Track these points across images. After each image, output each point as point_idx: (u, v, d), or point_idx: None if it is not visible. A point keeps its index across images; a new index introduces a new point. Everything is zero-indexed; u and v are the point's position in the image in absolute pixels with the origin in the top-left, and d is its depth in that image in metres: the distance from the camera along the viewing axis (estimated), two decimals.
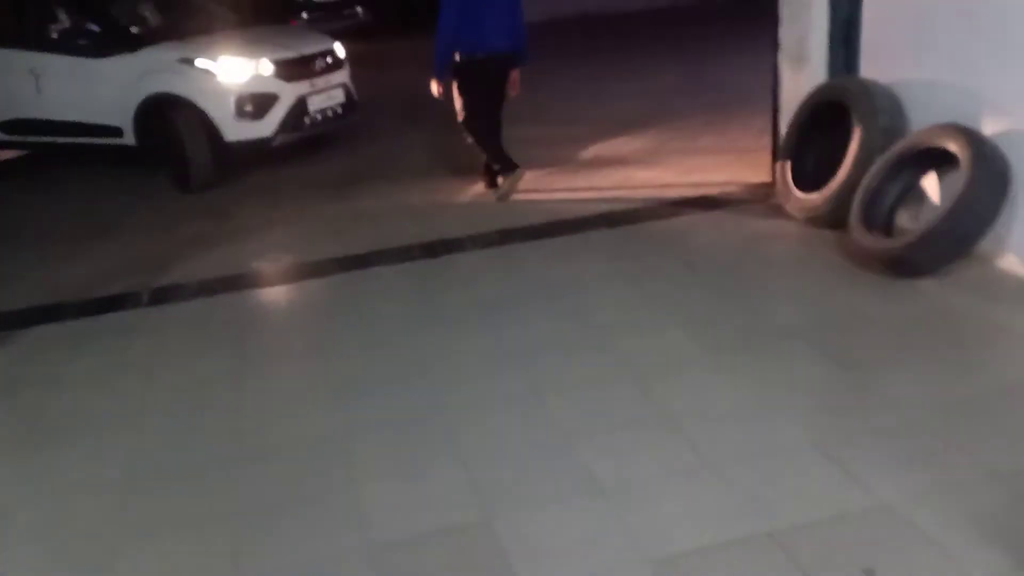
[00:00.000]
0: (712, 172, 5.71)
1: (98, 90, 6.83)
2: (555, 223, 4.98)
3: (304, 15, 15.65)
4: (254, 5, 15.08)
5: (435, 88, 5.31)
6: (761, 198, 5.03)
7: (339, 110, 7.22)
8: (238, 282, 4.60)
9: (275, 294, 4.53)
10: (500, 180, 5.60)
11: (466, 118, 5.40)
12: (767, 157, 5.24)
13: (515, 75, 5.46)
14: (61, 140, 7.21)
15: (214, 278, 4.65)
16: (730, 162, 5.83)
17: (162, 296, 4.45)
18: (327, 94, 7.07)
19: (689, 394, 3.04)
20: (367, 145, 7.72)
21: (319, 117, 6.96)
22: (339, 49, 7.47)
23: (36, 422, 3.36)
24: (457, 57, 5.18)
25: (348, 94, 7.39)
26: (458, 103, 5.37)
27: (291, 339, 3.89)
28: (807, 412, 2.87)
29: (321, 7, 14.97)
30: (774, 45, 4.98)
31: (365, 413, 3.13)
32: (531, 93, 5.91)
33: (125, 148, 6.90)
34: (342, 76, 7.35)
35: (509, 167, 5.51)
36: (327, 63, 7.19)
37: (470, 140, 5.54)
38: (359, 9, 15.17)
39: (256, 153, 6.84)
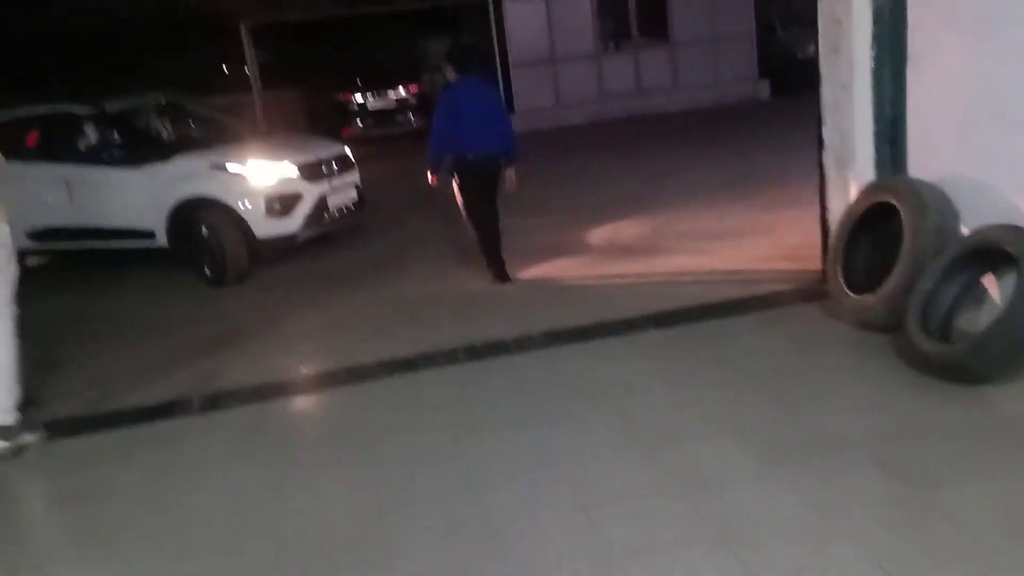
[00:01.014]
0: (761, 270, 5.66)
1: (132, 197, 7.22)
2: (601, 324, 4.95)
3: (359, 122, 16.30)
4: (309, 115, 15.80)
5: (430, 178, 6.01)
6: (812, 299, 4.95)
7: (352, 207, 7.86)
8: (285, 388, 4.64)
9: (321, 400, 4.54)
10: (499, 273, 6.10)
11: (466, 212, 6.01)
12: (816, 256, 5.19)
13: (510, 173, 6.01)
14: (92, 245, 7.53)
15: (262, 384, 4.69)
16: (779, 261, 5.79)
17: (211, 403, 4.48)
18: (342, 193, 7.69)
19: (740, 508, 2.93)
20: (381, 238, 8.25)
21: (336, 214, 7.55)
22: (349, 153, 8.15)
23: (83, 535, 3.37)
24: (452, 158, 5.83)
25: (359, 192, 8.03)
26: (459, 199, 6.00)
27: (336, 447, 3.86)
28: (865, 529, 2.73)
29: (375, 115, 15.58)
30: (819, 143, 4.99)
31: (409, 522, 3.08)
32: (579, 186, 6.02)
33: (157, 249, 7.28)
34: (354, 177, 8.00)
35: (500, 277, 6.09)
36: (341, 165, 7.79)
37: (471, 233, 6.11)
38: (411, 116, 15.72)
39: (282, 248, 7.30)
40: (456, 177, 5.89)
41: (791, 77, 15.32)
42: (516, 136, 6.04)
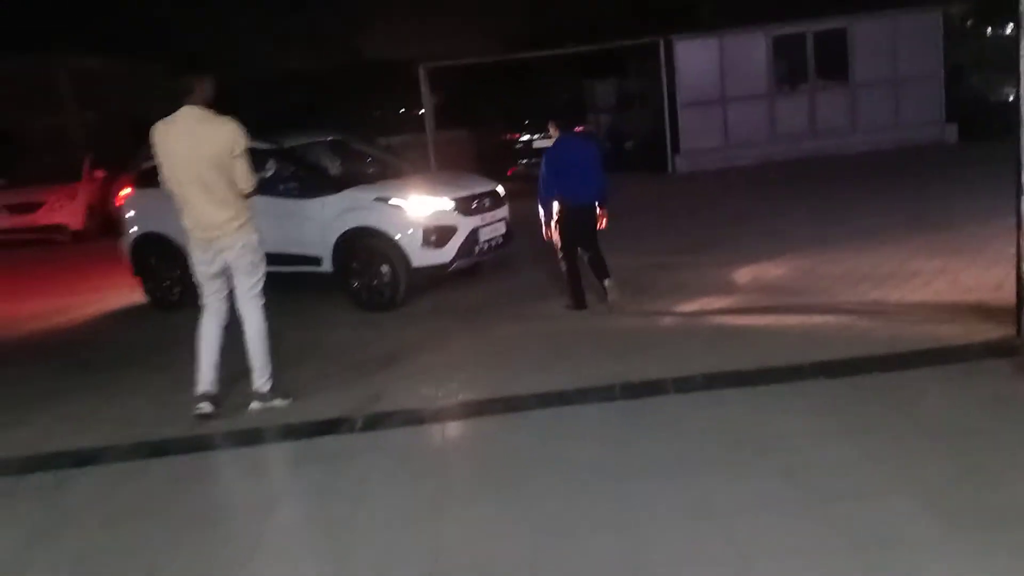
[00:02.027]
0: (945, 320, 5.27)
1: (304, 225, 7.67)
2: (766, 369, 4.74)
3: (523, 162, 16.63)
4: (477, 154, 16.30)
5: (545, 232, 6.69)
6: (1003, 353, 4.53)
7: (501, 240, 8.10)
8: (442, 413, 4.72)
9: (477, 427, 4.58)
10: (568, 305, 6.73)
11: (563, 252, 6.69)
12: (1006, 308, 4.76)
13: (602, 213, 6.64)
14: (270, 269, 7.93)
15: (420, 408, 4.80)
16: (963, 310, 5.36)
17: (373, 423, 4.63)
18: (492, 227, 7.96)
19: (918, 574, 2.68)
20: (528, 271, 8.32)
21: (486, 246, 7.85)
22: (500, 189, 8.39)
23: (250, 542, 3.53)
24: (556, 205, 6.51)
25: (508, 227, 8.29)
26: (557, 240, 6.68)
27: (491, 475, 3.86)
28: None
29: (539, 153, 15.81)
30: (1017, 190, 4.59)
31: (560, 561, 3.03)
32: (746, 228, 5.85)
33: (323, 275, 7.67)
34: (503, 212, 8.27)
35: (578, 305, 6.69)
36: (492, 201, 8.05)
37: (564, 268, 6.73)
38: None
39: (434, 277, 7.64)
40: (558, 221, 6.57)
41: (982, 121, 14.40)
42: (608, 184, 6.71)
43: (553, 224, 6.59)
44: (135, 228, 8.51)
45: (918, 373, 4.48)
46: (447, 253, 7.49)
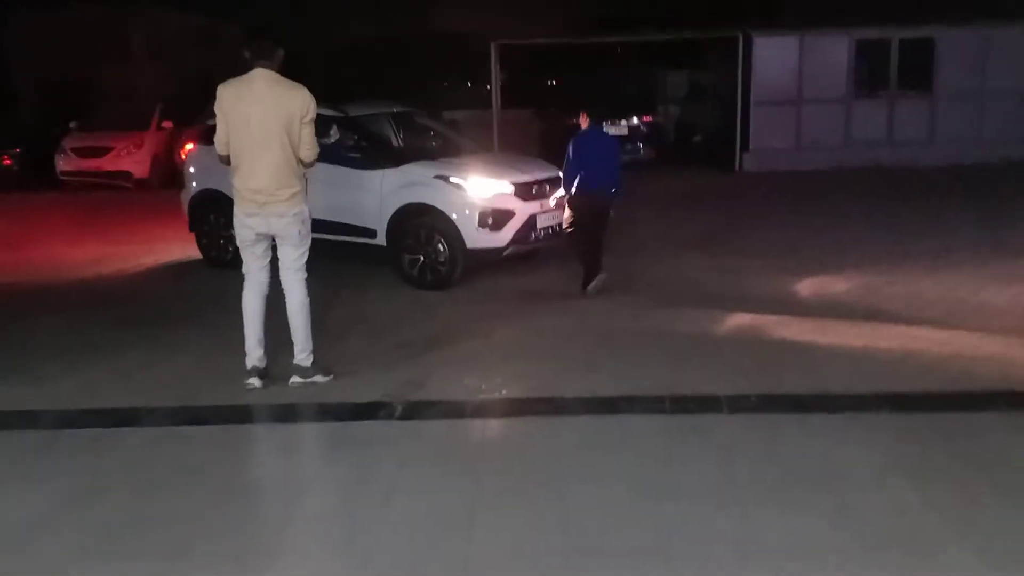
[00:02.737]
0: (1020, 360, 4.97)
1: (362, 196, 7.63)
2: (826, 396, 4.52)
3: None
4: (541, 135, 16.05)
5: (567, 215, 7.10)
6: None
7: (558, 228, 7.76)
8: (484, 408, 4.59)
9: (519, 426, 4.45)
10: (589, 284, 7.00)
11: (571, 231, 7.11)
12: None
13: (614, 203, 7.07)
14: (320, 236, 7.91)
15: (462, 400, 4.67)
16: None
17: (413, 411, 4.52)
18: (551, 214, 7.72)
19: None
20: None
21: (543, 233, 7.63)
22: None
23: (278, 525, 3.46)
24: (574, 190, 6.91)
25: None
26: (567, 221, 7.09)
27: (529, 479, 3.71)
28: None
29: None
30: None
31: None
32: (809, 232, 5.59)
33: (375, 247, 7.64)
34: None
35: (595, 271, 7.04)
36: (553, 187, 7.79)
37: (577, 249, 7.17)
38: (640, 145, 15.54)
39: (487, 261, 7.50)
40: (574, 204, 6.97)
41: None
42: (623, 179, 7.15)
43: (568, 206, 6.99)
44: (195, 183, 8.54)
45: (990, 417, 4.22)
46: (503, 237, 7.39)
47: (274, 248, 4.89)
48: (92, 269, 8.56)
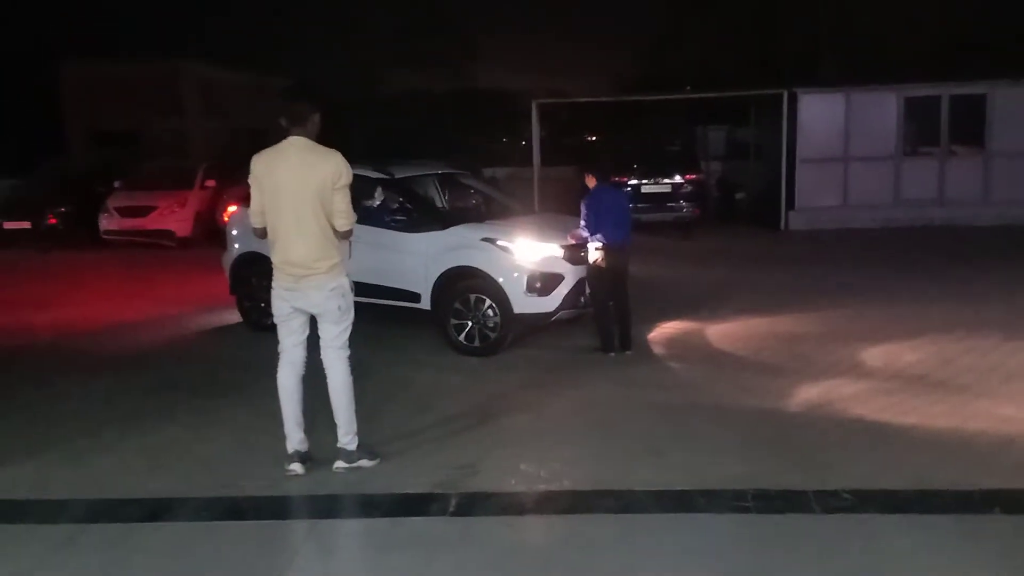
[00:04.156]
0: None
1: (407, 260, 7.46)
2: (926, 492, 4.07)
3: (630, 207, 15.92)
4: (582, 193, 15.81)
5: (592, 256, 7.00)
6: None
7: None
8: (545, 502, 4.17)
9: (586, 527, 3.96)
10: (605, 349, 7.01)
11: (593, 288, 7.08)
12: None
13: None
14: (363, 300, 7.66)
15: (520, 491, 4.29)
16: None
17: (467, 505, 4.13)
18: None
19: None
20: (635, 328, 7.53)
21: (588, 299, 7.31)
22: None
23: None
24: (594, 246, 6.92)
25: None
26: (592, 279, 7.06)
27: None
28: None
29: (647, 199, 15.21)
30: None
31: None
32: (879, 298, 5.17)
33: (419, 311, 7.43)
34: None
35: (607, 347, 7.02)
36: None
37: (594, 306, 7.12)
38: (684, 204, 15.19)
39: (533, 326, 7.27)
40: (594, 261, 6.97)
41: None
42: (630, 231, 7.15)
43: (592, 261, 6.96)
44: (238, 245, 8.37)
45: None
46: (552, 302, 7.16)
47: (314, 322, 4.60)
48: (131, 331, 8.37)
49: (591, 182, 7.11)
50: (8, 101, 25.03)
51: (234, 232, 8.53)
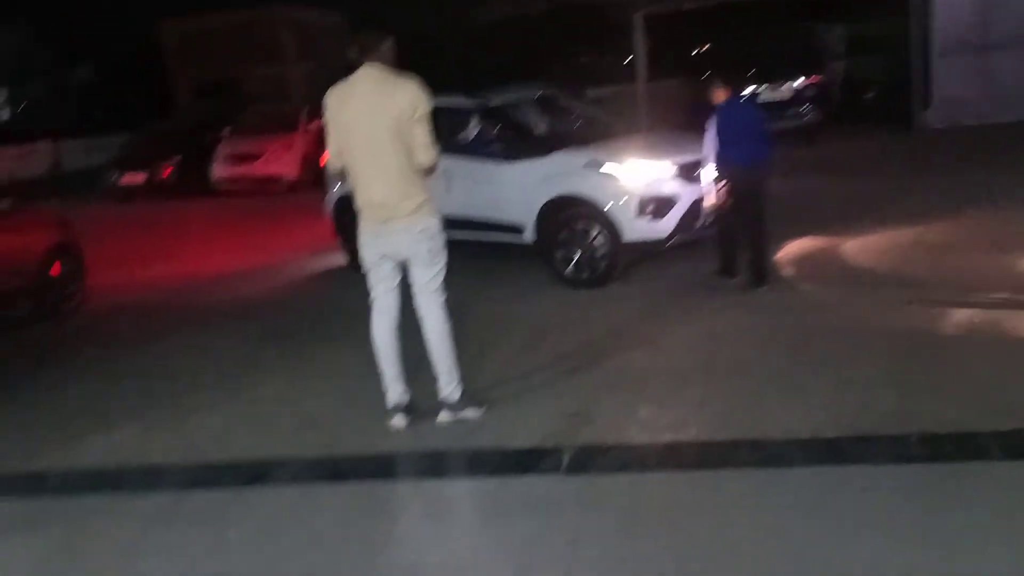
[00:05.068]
0: None
1: (506, 191, 7.07)
2: None
3: None
4: (691, 107, 14.87)
5: (712, 198, 6.27)
6: None
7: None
8: (670, 455, 3.69)
9: (721, 485, 3.44)
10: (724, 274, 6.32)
11: (720, 212, 6.27)
12: None
13: (761, 178, 6.23)
14: (463, 236, 7.16)
15: (639, 443, 3.84)
16: None
17: (581, 461, 3.70)
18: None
19: None
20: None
21: (707, 221, 6.72)
22: None
23: None
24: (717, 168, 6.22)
25: None
26: (716, 202, 6.26)
27: (744, 569, 2.86)
28: None
29: (768, 106, 14.12)
30: None
31: None
32: None
33: (522, 245, 7.06)
34: None
35: (729, 270, 6.32)
36: None
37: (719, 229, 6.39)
38: (806, 108, 14.05)
39: (645, 253, 6.79)
40: (724, 183, 6.18)
41: None
42: (772, 150, 6.35)
43: (719, 186, 6.23)
44: (338, 186, 8.15)
45: None
46: (665, 226, 6.62)
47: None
48: (239, 281, 8.34)
49: (720, 96, 6.30)
50: (115, 60, 26.01)
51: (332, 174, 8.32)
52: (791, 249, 7.10)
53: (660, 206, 6.59)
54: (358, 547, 3.22)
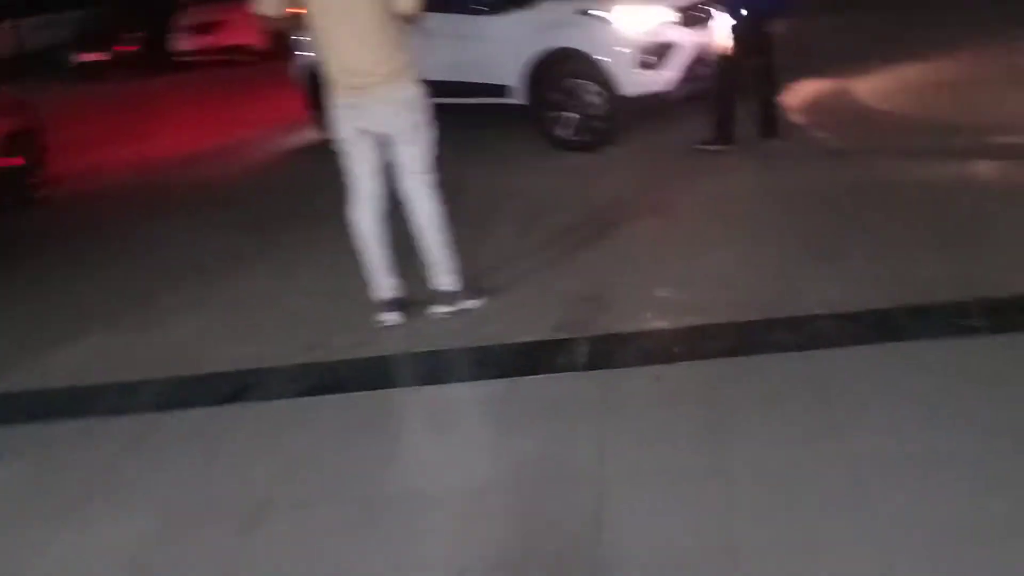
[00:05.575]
0: None
1: (489, 47, 6.59)
2: None
3: None
4: None
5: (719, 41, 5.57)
6: None
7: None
8: (703, 343, 3.25)
9: (764, 372, 2.99)
10: (709, 143, 5.63)
11: (728, 59, 5.52)
12: None
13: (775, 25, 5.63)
14: (446, 101, 6.74)
15: (667, 330, 3.41)
16: None
17: (602, 354, 3.29)
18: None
19: None
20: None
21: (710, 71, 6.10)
22: None
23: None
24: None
25: None
26: (723, 50, 5.53)
27: (799, 480, 2.48)
28: None
29: None
30: None
31: None
32: None
33: (513, 106, 6.57)
34: None
35: (725, 137, 5.62)
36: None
37: (720, 84, 5.67)
38: None
39: (647, 107, 6.25)
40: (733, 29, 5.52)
41: None
42: None
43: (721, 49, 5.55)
44: (306, 53, 7.46)
45: None
46: (667, 77, 6.12)
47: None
48: (211, 162, 7.88)
49: None
50: None
51: (300, 38, 7.59)
52: (800, 92, 6.57)
53: (661, 55, 6.08)
54: (356, 468, 2.86)
